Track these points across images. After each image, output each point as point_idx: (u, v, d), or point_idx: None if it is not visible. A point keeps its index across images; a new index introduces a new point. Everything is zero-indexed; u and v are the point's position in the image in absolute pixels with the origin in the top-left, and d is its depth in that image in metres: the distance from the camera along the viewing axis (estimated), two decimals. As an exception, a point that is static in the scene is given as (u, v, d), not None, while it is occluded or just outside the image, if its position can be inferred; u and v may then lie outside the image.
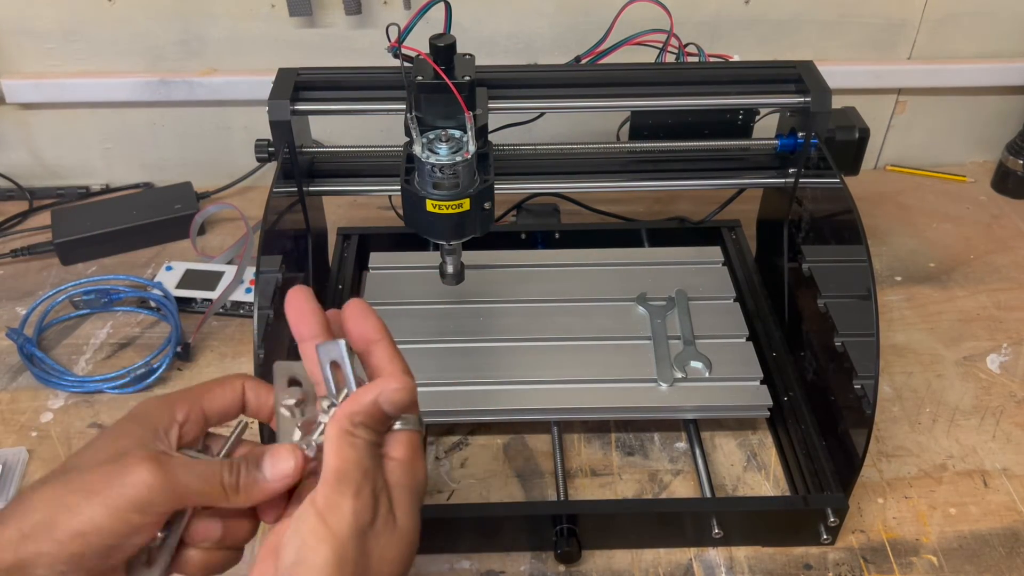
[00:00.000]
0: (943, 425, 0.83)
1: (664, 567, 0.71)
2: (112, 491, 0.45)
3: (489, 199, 0.72)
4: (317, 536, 0.43)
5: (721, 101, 0.84)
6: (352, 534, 0.44)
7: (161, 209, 1.07)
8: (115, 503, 0.44)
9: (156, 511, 0.45)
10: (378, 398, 0.47)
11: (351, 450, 0.45)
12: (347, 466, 0.45)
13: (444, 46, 0.70)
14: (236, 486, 0.48)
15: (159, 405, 0.50)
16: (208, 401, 0.51)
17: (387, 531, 0.46)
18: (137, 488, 0.45)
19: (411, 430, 0.49)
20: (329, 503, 0.44)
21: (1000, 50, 1.12)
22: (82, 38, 1.06)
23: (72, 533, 0.44)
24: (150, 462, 0.45)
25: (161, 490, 0.45)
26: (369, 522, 0.45)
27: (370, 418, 0.47)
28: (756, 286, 0.95)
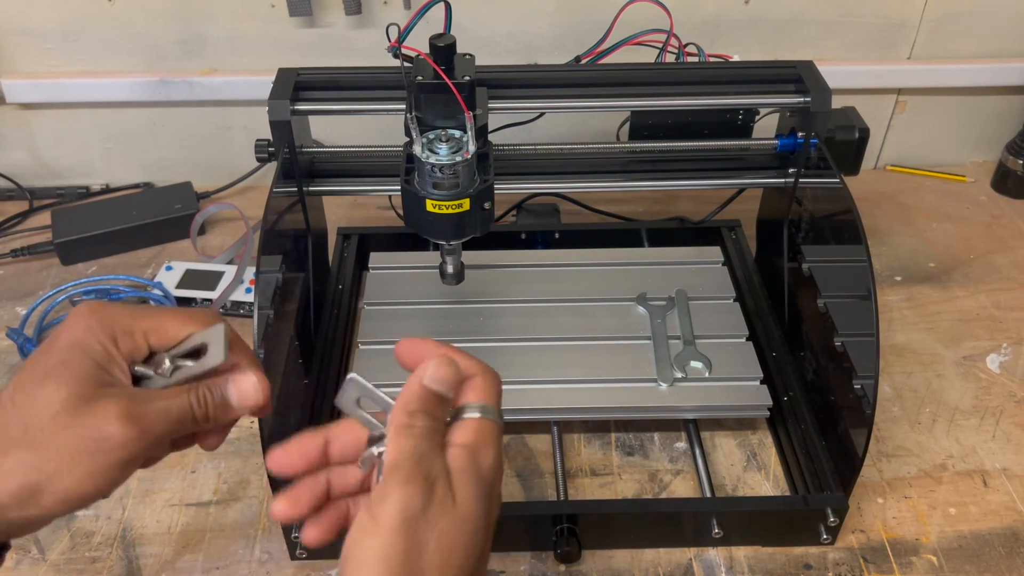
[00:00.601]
0: (943, 425, 0.83)
1: (664, 567, 0.71)
2: (93, 457, 0.45)
3: (489, 199, 0.72)
4: (364, 529, 0.42)
5: (721, 101, 0.84)
6: (400, 523, 0.41)
7: (161, 209, 1.07)
8: (98, 469, 0.45)
9: (135, 453, 0.46)
10: (423, 380, 0.46)
11: (406, 439, 0.44)
12: (400, 456, 0.43)
13: (444, 46, 0.70)
14: (206, 416, 0.49)
15: (97, 326, 0.48)
16: (154, 334, 0.50)
17: (444, 517, 0.42)
18: (117, 453, 0.45)
19: (481, 418, 0.47)
20: (378, 494, 0.42)
21: (1000, 50, 1.12)
22: (82, 38, 1.06)
23: (57, 500, 0.45)
24: (123, 418, 0.45)
25: (140, 445, 0.46)
26: (420, 509, 0.42)
27: (423, 402, 0.45)
28: (756, 286, 0.95)
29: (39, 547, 0.72)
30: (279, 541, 0.72)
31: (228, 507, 0.76)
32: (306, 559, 0.71)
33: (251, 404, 0.50)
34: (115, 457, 0.45)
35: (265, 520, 0.74)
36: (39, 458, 0.45)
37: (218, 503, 0.76)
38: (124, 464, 0.46)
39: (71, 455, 0.45)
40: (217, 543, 0.73)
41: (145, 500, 0.76)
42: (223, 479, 0.78)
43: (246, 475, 0.78)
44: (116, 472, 0.46)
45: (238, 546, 0.72)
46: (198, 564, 0.71)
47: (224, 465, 0.79)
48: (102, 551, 0.72)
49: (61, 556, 0.71)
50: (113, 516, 0.75)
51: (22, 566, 0.71)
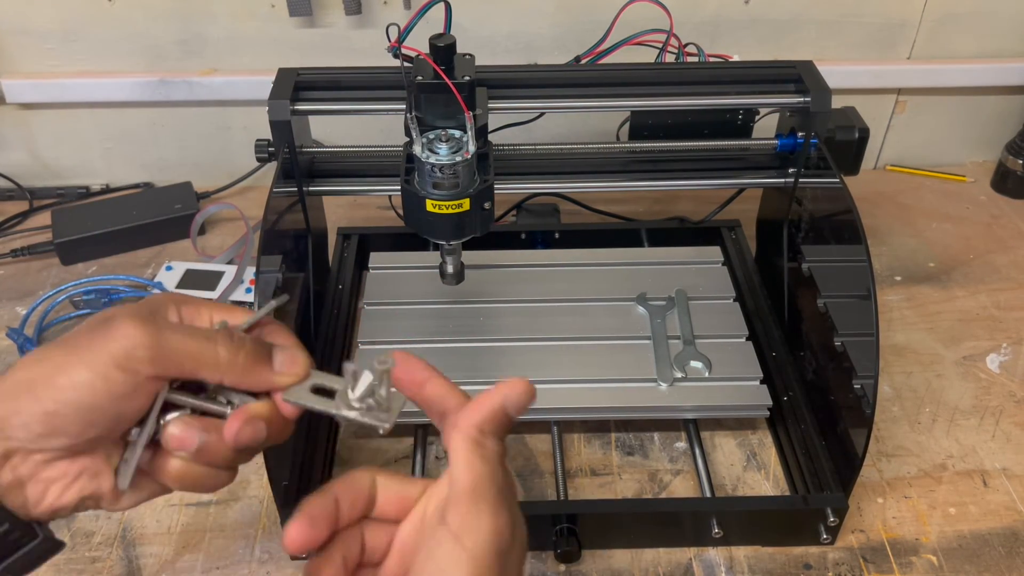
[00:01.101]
0: (943, 425, 0.83)
1: (664, 567, 0.71)
2: (94, 348, 0.43)
3: (489, 199, 0.72)
4: (455, 560, 0.39)
5: (721, 101, 0.84)
6: (494, 556, 0.39)
7: (161, 209, 1.07)
8: (96, 359, 0.42)
9: (140, 369, 0.43)
10: (504, 402, 0.44)
11: (482, 463, 0.41)
12: (481, 480, 0.41)
13: (444, 46, 0.70)
14: (234, 361, 0.45)
15: (168, 296, 0.48)
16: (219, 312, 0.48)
17: (518, 546, 0.42)
18: (119, 342, 0.43)
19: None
20: (466, 523, 0.39)
21: (1000, 50, 1.12)
22: (82, 38, 1.06)
23: (49, 389, 0.42)
24: (136, 319, 0.43)
25: (145, 345, 0.43)
26: (510, 542, 0.40)
27: (498, 426, 0.43)
28: (756, 286, 0.95)
29: (39, 547, 0.72)
30: (279, 541, 0.72)
31: (228, 507, 0.76)
32: (306, 559, 0.71)
33: (295, 373, 0.47)
34: (114, 348, 0.42)
35: (265, 520, 0.74)
36: (48, 352, 0.43)
37: (218, 503, 0.76)
38: (123, 360, 0.42)
39: (75, 346, 0.43)
40: (217, 543, 0.73)
41: (145, 500, 0.76)
42: (223, 479, 0.78)
43: (246, 475, 0.78)
44: (114, 369, 0.42)
45: (238, 546, 0.72)
46: (198, 564, 0.71)
47: (224, 465, 0.79)
48: (102, 551, 0.72)
49: (61, 556, 0.71)
50: (113, 516, 0.75)
51: (22, 566, 0.71)
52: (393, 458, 0.80)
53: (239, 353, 0.46)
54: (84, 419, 0.43)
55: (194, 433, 0.46)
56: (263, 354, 0.47)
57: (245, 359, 0.46)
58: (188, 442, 0.46)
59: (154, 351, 0.43)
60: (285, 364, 0.48)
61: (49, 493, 0.45)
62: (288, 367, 0.48)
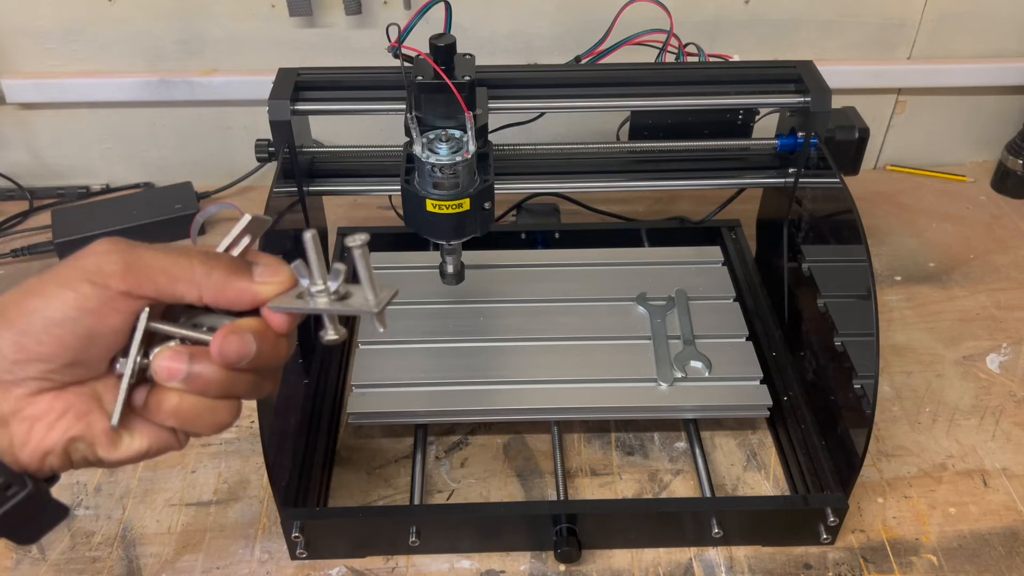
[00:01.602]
0: (943, 425, 0.83)
1: (664, 567, 0.71)
2: (67, 266, 0.42)
3: (489, 199, 0.72)
4: None
5: (721, 101, 0.84)
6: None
7: (161, 209, 1.07)
8: (67, 274, 0.42)
9: (110, 283, 0.42)
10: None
11: None
12: None
13: (444, 46, 0.70)
14: (210, 274, 0.44)
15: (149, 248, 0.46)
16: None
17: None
18: (90, 257, 0.42)
19: None
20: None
21: (1000, 50, 1.12)
22: (82, 38, 1.06)
23: (19, 311, 0.41)
24: (111, 240, 0.43)
25: (117, 259, 0.42)
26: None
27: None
28: (756, 286, 0.95)
29: (39, 547, 0.72)
30: (279, 541, 0.72)
31: (228, 507, 0.76)
32: (306, 559, 0.71)
33: (278, 281, 0.46)
34: (86, 263, 0.42)
35: (265, 520, 0.74)
36: (26, 282, 0.43)
37: (218, 503, 0.76)
38: (95, 274, 0.42)
39: (50, 273, 0.42)
40: (217, 543, 0.73)
41: (145, 500, 0.76)
42: (223, 479, 0.78)
43: (246, 475, 0.78)
44: (86, 285, 0.42)
45: (238, 546, 0.72)
46: (198, 564, 0.71)
47: (224, 465, 0.79)
48: (102, 551, 0.72)
49: (61, 556, 0.71)
50: (113, 516, 0.75)
51: (22, 566, 0.71)
52: (393, 458, 0.80)
53: (215, 265, 0.44)
54: (55, 338, 0.42)
55: (182, 359, 0.44)
56: (241, 266, 0.46)
57: (223, 271, 0.45)
58: (176, 370, 0.44)
59: (125, 264, 0.42)
60: (266, 274, 0.46)
61: (34, 431, 0.43)
62: (269, 276, 0.46)
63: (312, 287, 0.45)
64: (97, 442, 0.45)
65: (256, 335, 0.45)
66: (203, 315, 0.47)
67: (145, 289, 0.43)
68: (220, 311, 0.47)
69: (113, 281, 0.42)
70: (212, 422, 0.47)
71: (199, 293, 0.44)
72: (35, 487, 0.44)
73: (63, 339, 0.42)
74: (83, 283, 0.42)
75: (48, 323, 0.42)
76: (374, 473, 0.79)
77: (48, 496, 0.45)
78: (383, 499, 0.76)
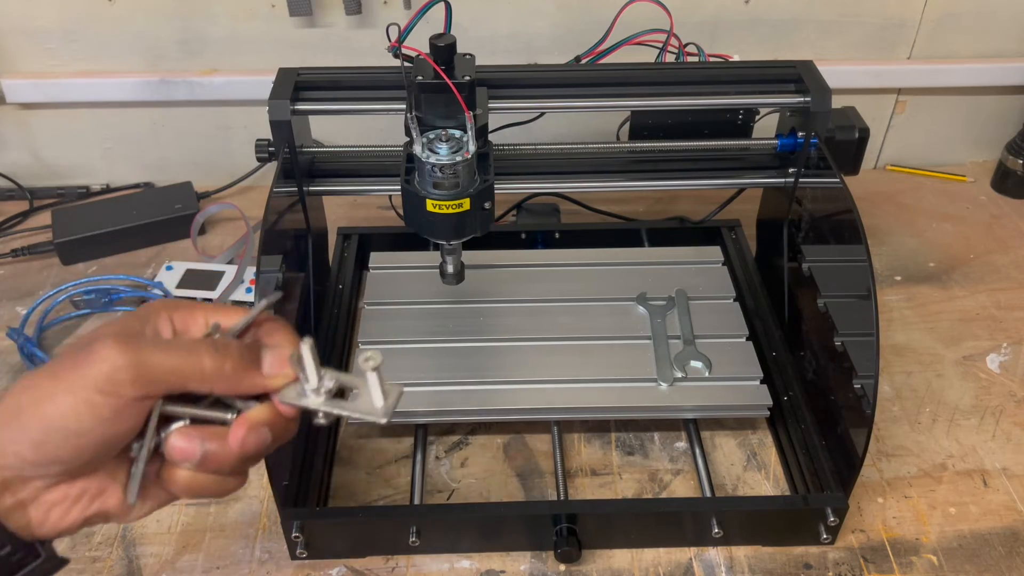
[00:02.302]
0: (943, 425, 0.83)
1: (664, 567, 0.71)
2: (76, 372, 0.42)
3: (489, 199, 0.72)
4: None
5: (721, 101, 0.84)
6: None
7: (161, 209, 1.07)
8: (78, 384, 0.42)
9: (121, 392, 0.42)
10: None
11: None
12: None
13: (444, 46, 0.70)
14: (220, 370, 0.44)
15: (162, 304, 0.47)
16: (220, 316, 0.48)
17: None
18: (98, 366, 0.42)
19: None
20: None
21: (1000, 50, 1.12)
22: (82, 38, 1.06)
23: (36, 417, 0.42)
24: (115, 339, 0.42)
25: (126, 366, 0.42)
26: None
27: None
28: (756, 286, 0.95)
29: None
30: (279, 541, 0.72)
31: (228, 507, 0.76)
32: (306, 559, 0.71)
33: (287, 375, 0.46)
34: (94, 372, 0.42)
35: (265, 520, 0.74)
36: (34, 378, 0.43)
37: (218, 503, 0.76)
38: (104, 384, 0.42)
39: (58, 372, 0.43)
40: (217, 543, 0.73)
41: (145, 500, 0.76)
42: (223, 479, 0.78)
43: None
44: (96, 395, 0.42)
45: (238, 546, 0.72)
46: (198, 564, 0.71)
47: (224, 465, 0.79)
48: (102, 551, 0.72)
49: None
50: (113, 516, 0.75)
51: (22, 566, 0.71)
52: (393, 458, 0.80)
53: (225, 362, 0.45)
54: (73, 445, 0.43)
55: (196, 443, 0.45)
56: (251, 359, 0.46)
57: (232, 367, 0.45)
58: (190, 452, 0.45)
59: (135, 372, 0.42)
60: (274, 366, 0.46)
61: (52, 515, 0.45)
62: (277, 368, 0.47)
63: (307, 386, 0.46)
64: (112, 515, 0.47)
65: (269, 425, 0.47)
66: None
67: (157, 390, 0.44)
68: None
69: (125, 390, 0.43)
70: (220, 491, 0.49)
71: (211, 388, 0.45)
72: (46, 555, 0.46)
73: (81, 447, 0.43)
74: (95, 394, 0.42)
75: (66, 434, 0.42)
76: (374, 473, 0.79)
77: (57, 558, 0.47)
78: (383, 499, 0.76)
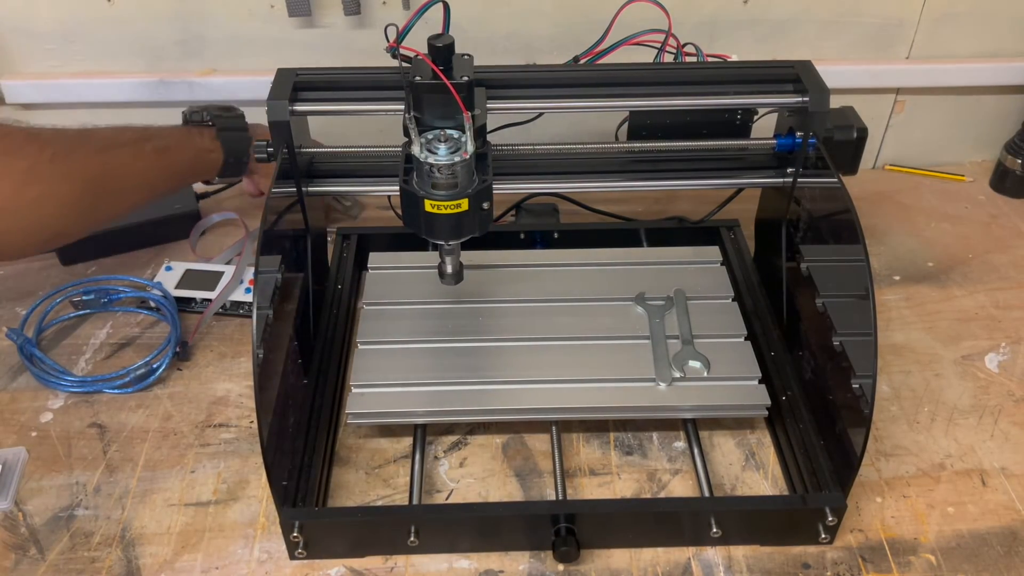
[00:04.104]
0: (941, 424, 0.84)
1: (663, 566, 0.71)
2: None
3: (487, 199, 0.72)
4: None
5: (719, 101, 0.84)
6: None
7: (160, 209, 1.07)
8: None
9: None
10: None
11: None
12: None
13: (442, 46, 0.70)
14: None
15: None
16: None
17: None
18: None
19: None
20: None
21: (998, 49, 1.12)
22: (82, 38, 1.06)
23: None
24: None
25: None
26: None
27: None
28: (754, 286, 0.95)
29: (38, 547, 0.72)
30: (278, 541, 0.72)
31: (227, 507, 0.76)
32: (305, 559, 0.71)
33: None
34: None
35: (264, 520, 0.75)
36: None
37: (217, 503, 0.76)
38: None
39: None
40: (216, 543, 0.73)
41: (144, 500, 0.76)
42: (222, 479, 0.78)
43: (245, 475, 0.78)
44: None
45: (237, 546, 0.72)
46: (197, 564, 0.71)
47: (223, 465, 0.79)
48: (102, 551, 0.72)
49: (60, 556, 0.72)
50: (112, 516, 0.75)
51: (22, 566, 0.71)
52: (392, 458, 0.80)
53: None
54: None
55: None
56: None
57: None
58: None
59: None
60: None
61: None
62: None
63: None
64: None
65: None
66: None
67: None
68: None
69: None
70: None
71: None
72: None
73: None
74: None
75: None
76: (373, 473, 0.79)
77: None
78: (382, 499, 0.77)
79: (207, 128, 0.94)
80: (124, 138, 0.86)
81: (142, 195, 0.87)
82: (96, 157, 0.81)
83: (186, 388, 0.87)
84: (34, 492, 0.77)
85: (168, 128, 0.92)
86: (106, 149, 0.83)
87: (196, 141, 0.92)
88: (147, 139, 0.88)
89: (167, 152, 0.88)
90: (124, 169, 0.83)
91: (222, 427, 0.83)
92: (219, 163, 0.93)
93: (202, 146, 0.92)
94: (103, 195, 0.81)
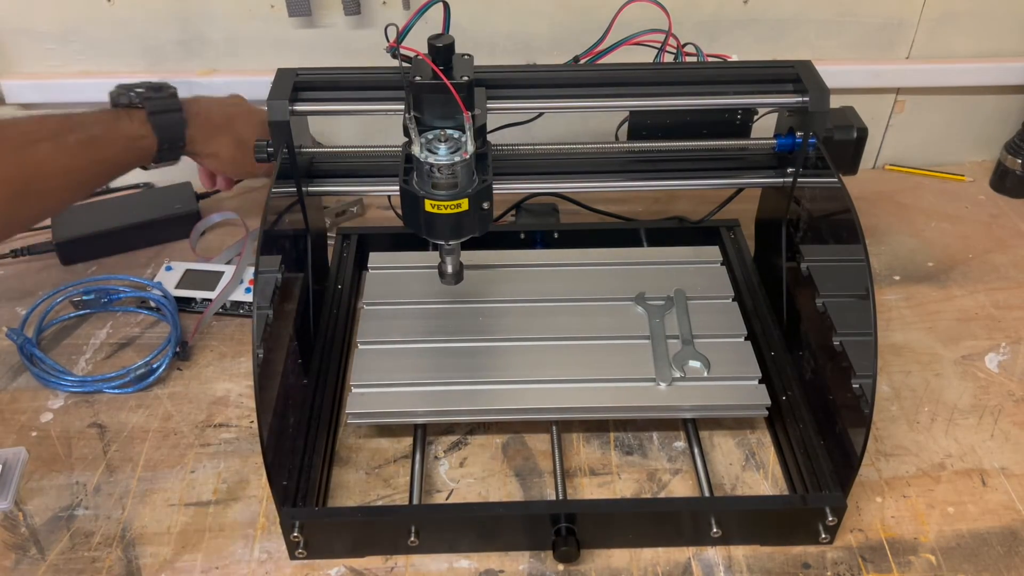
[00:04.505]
0: (941, 424, 0.84)
1: (663, 566, 0.71)
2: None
3: (487, 199, 0.72)
4: None
5: (719, 101, 0.84)
6: None
7: (161, 209, 1.07)
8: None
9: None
10: None
11: None
12: None
13: (443, 46, 0.70)
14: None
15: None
16: None
17: None
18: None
19: None
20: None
21: (998, 49, 1.12)
22: (82, 38, 1.06)
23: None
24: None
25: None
26: None
27: None
28: (754, 285, 0.95)
29: (39, 547, 0.72)
30: (278, 541, 0.72)
31: (227, 507, 0.76)
32: (305, 559, 0.71)
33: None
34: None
35: (264, 520, 0.75)
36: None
37: (217, 503, 0.76)
38: None
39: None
40: (216, 543, 0.73)
41: (145, 500, 0.76)
42: (222, 479, 0.78)
43: (245, 475, 0.78)
44: None
45: (237, 546, 0.72)
46: (197, 564, 0.71)
47: (223, 465, 0.79)
48: (102, 551, 0.72)
49: (61, 556, 0.72)
50: (113, 516, 0.75)
51: (22, 566, 0.71)
52: (392, 458, 0.80)
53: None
54: None
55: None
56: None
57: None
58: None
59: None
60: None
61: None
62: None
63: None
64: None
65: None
66: None
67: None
68: None
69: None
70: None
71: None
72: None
73: None
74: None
75: None
76: (373, 473, 0.79)
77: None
78: (382, 499, 0.77)
79: (136, 110, 0.85)
80: (43, 132, 0.78)
81: (70, 193, 0.82)
82: (11, 156, 0.74)
83: (186, 388, 0.87)
84: (34, 492, 0.77)
85: (93, 114, 0.84)
86: (23, 147, 0.75)
87: (125, 127, 0.84)
88: (69, 130, 0.80)
89: (93, 143, 0.80)
90: (46, 167, 0.76)
91: (222, 427, 0.83)
92: (152, 149, 0.86)
93: (132, 132, 0.84)
94: (24, 197, 0.74)
